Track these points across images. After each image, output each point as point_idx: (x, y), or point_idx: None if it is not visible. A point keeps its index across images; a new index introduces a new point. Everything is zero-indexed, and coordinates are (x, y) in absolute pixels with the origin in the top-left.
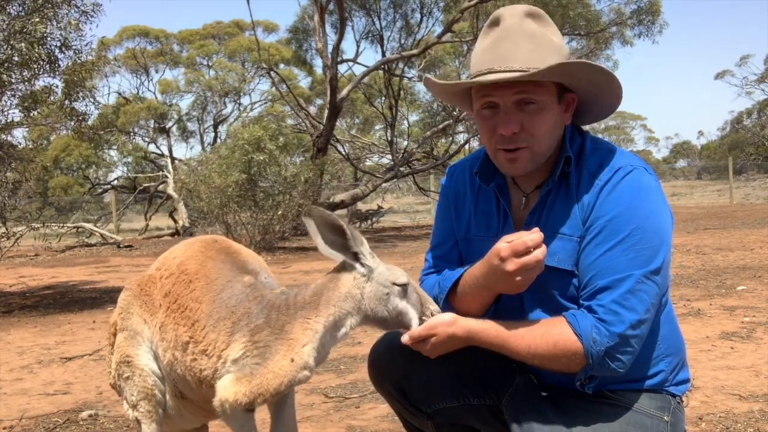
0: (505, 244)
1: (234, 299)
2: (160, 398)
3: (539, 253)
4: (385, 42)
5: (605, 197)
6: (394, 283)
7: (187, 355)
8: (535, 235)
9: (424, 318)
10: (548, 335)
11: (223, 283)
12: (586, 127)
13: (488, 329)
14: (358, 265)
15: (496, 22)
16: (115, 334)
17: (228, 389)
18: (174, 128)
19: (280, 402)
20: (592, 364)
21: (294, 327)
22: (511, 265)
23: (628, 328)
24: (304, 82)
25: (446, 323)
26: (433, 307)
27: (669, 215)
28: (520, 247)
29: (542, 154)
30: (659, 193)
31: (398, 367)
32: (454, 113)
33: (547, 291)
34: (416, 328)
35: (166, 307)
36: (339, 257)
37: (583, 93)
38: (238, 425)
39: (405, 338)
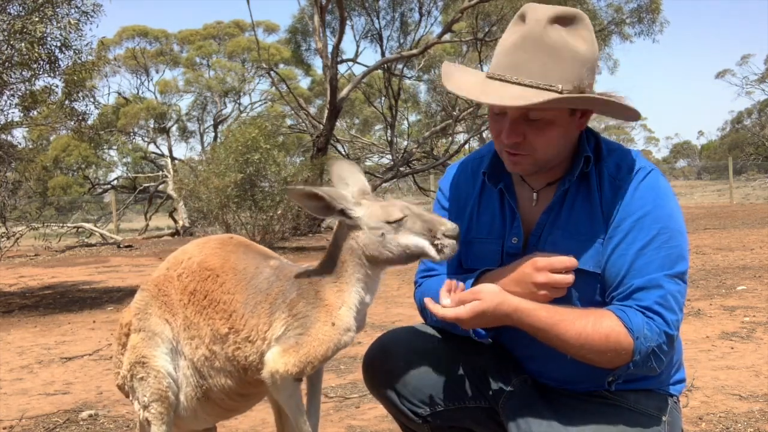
0: (543, 257)
1: (266, 282)
2: (173, 400)
3: (570, 277)
4: (385, 42)
5: (630, 198)
6: (387, 222)
7: (228, 346)
8: (572, 260)
9: (437, 242)
10: (600, 326)
11: (252, 271)
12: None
13: (537, 309)
14: (345, 219)
15: (522, 19)
16: (127, 335)
17: (277, 361)
18: (174, 128)
19: (312, 385)
20: (637, 361)
21: (326, 293)
22: (542, 277)
23: (673, 327)
24: (303, 82)
25: (493, 292)
26: (445, 226)
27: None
28: (557, 264)
29: (546, 161)
30: (674, 195)
31: (393, 371)
32: (454, 113)
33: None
34: (461, 292)
35: (194, 305)
36: (332, 218)
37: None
38: (287, 395)
39: (446, 301)
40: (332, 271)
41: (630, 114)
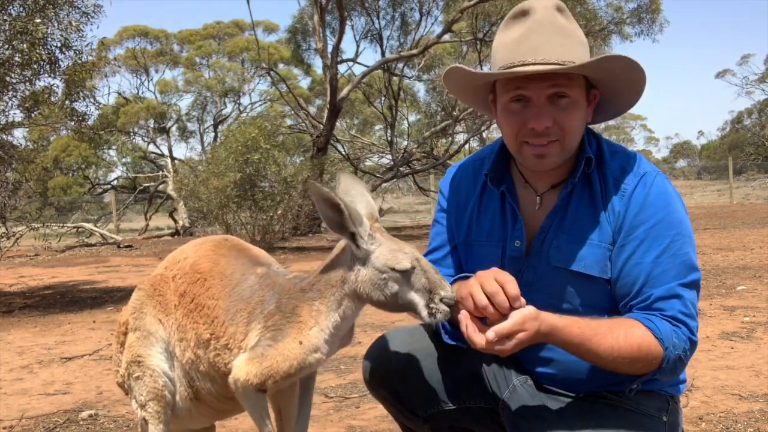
0: (500, 275)
1: (248, 290)
2: (170, 399)
3: (501, 297)
4: (385, 42)
5: (641, 204)
6: (394, 269)
7: (210, 352)
8: (515, 291)
9: (432, 305)
10: (631, 337)
11: (238, 277)
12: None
13: (570, 325)
14: (353, 247)
15: (524, 14)
16: (125, 333)
17: (241, 369)
18: (174, 128)
19: (304, 393)
20: (664, 368)
21: (303, 310)
22: (477, 279)
23: (695, 334)
24: (303, 82)
25: (532, 317)
26: (445, 292)
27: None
28: (499, 274)
29: (570, 150)
30: (680, 197)
31: (393, 372)
32: (454, 113)
33: (566, 297)
34: (504, 324)
35: (183, 307)
36: (339, 236)
37: (605, 91)
38: (249, 404)
39: (491, 335)
40: (318, 289)
41: (635, 94)
